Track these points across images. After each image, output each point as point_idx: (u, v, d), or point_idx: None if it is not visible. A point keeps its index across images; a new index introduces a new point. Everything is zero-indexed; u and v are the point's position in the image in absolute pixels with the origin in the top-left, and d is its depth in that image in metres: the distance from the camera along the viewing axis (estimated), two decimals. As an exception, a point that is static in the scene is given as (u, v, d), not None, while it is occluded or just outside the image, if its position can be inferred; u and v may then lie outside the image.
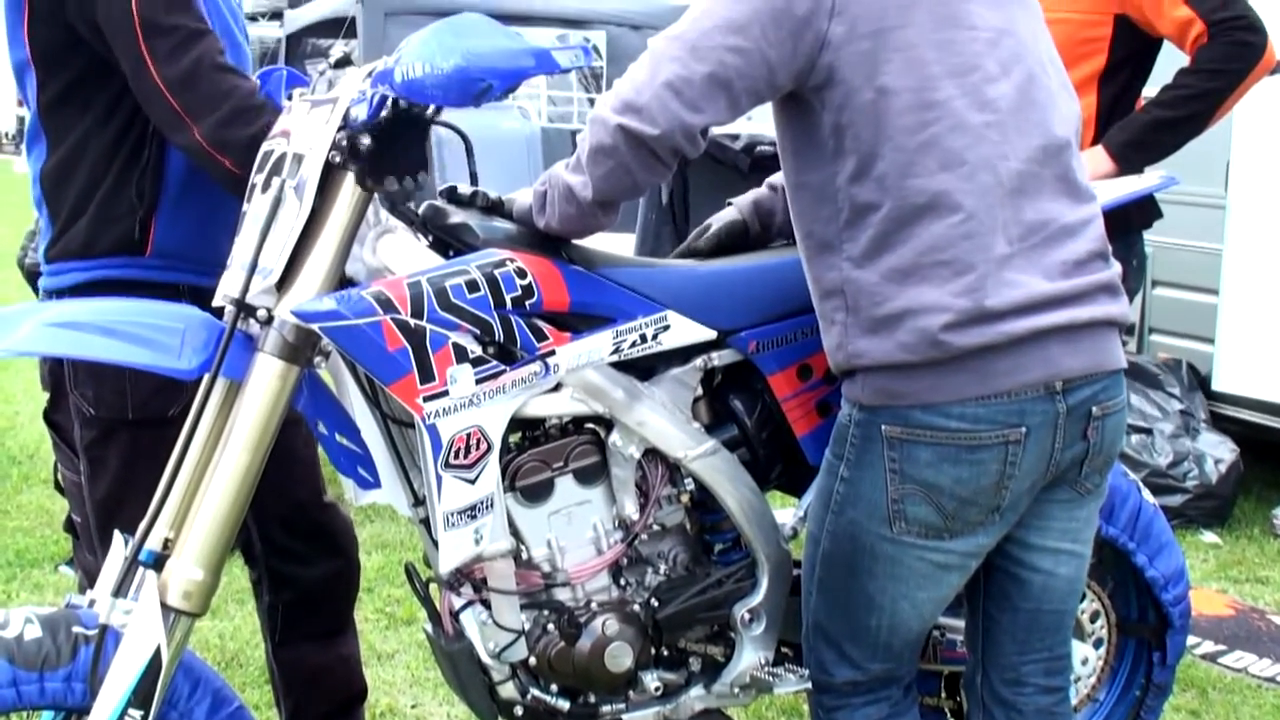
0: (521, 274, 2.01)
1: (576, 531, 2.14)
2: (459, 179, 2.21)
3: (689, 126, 1.91)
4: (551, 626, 2.11)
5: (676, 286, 2.17)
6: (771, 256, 2.31)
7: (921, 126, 1.88)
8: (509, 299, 1.99)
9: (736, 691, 2.26)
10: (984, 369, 1.90)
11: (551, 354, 2.03)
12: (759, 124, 4.25)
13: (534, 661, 2.12)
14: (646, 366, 2.16)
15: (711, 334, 2.18)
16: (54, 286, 2.38)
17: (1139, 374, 5.12)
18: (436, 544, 2.00)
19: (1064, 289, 1.92)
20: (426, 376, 1.92)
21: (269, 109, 2.22)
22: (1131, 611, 2.72)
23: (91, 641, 1.82)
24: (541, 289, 2.02)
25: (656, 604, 2.18)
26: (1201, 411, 5.11)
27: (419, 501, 2.13)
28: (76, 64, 2.28)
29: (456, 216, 2.08)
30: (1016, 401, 1.92)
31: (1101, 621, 2.67)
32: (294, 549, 2.63)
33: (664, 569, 2.23)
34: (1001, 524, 2.02)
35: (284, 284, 1.93)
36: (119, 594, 1.87)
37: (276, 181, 1.96)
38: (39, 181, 2.40)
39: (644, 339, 2.11)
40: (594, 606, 2.15)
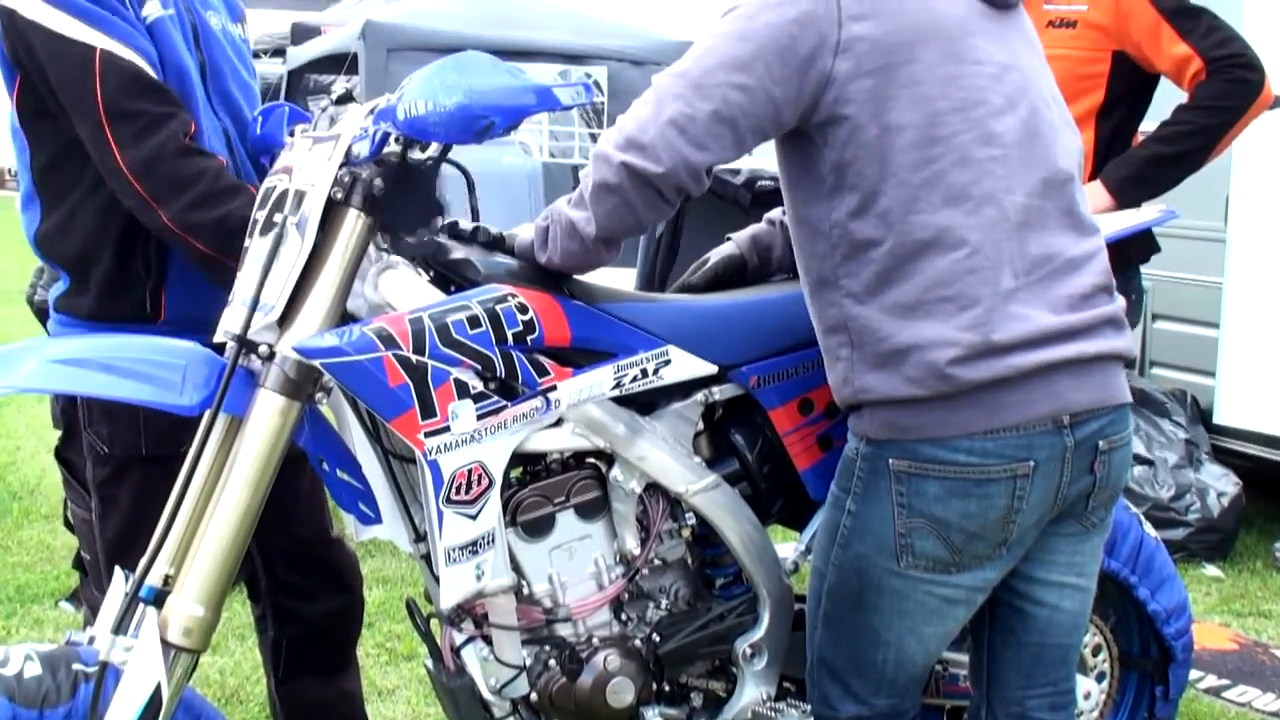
0: (523, 309, 2.01)
1: (578, 566, 2.14)
2: (460, 214, 2.23)
3: (693, 164, 1.91)
4: (553, 662, 2.11)
5: (677, 321, 2.17)
6: (772, 291, 2.32)
7: (926, 162, 1.89)
8: (510, 334, 1.99)
9: (739, 727, 2.25)
10: (992, 403, 1.90)
11: (553, 389, 2.03)
12: (760, 159, 4.26)
13: (535, 697, 2.11)
14: (647, 401, 2.16)
15: (712, 368, 2.19)
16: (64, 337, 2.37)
17: (1146, 402, 5.12)
18: (438, 579, 2.00)
19: (1070, 323, 1.92)
20: (428, 412, 1.92)
21: (240, 189, 2.24)
22: (1134, 645, 2.71)
23: (91, 679, 1.81)
24: (543, 324, 2.03)
25: (658, 639, 2.18)
26: (1204, 443, 5.10)
27: (420, 537, 2.13)
28: (65, 133, 2.27)
29: (458, 252, 2.09)
30: (1024, 435, 1.92)
31: (1104, 655, 2.67)
32: (299, 584, 2.63)
33: (665, 604, 2.22)
34: (1008, 558, 2.01)
35: (286, 320, 1.94)
36: (119, 631, 1.86)
37: (279, 218, 1.97)
38: (35, 243, 2.40)
39: (645, 374, 2.12)
40: (595, 642, 2.14)
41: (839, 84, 1.89)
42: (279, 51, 11.30)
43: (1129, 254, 3.09)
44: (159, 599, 1.88)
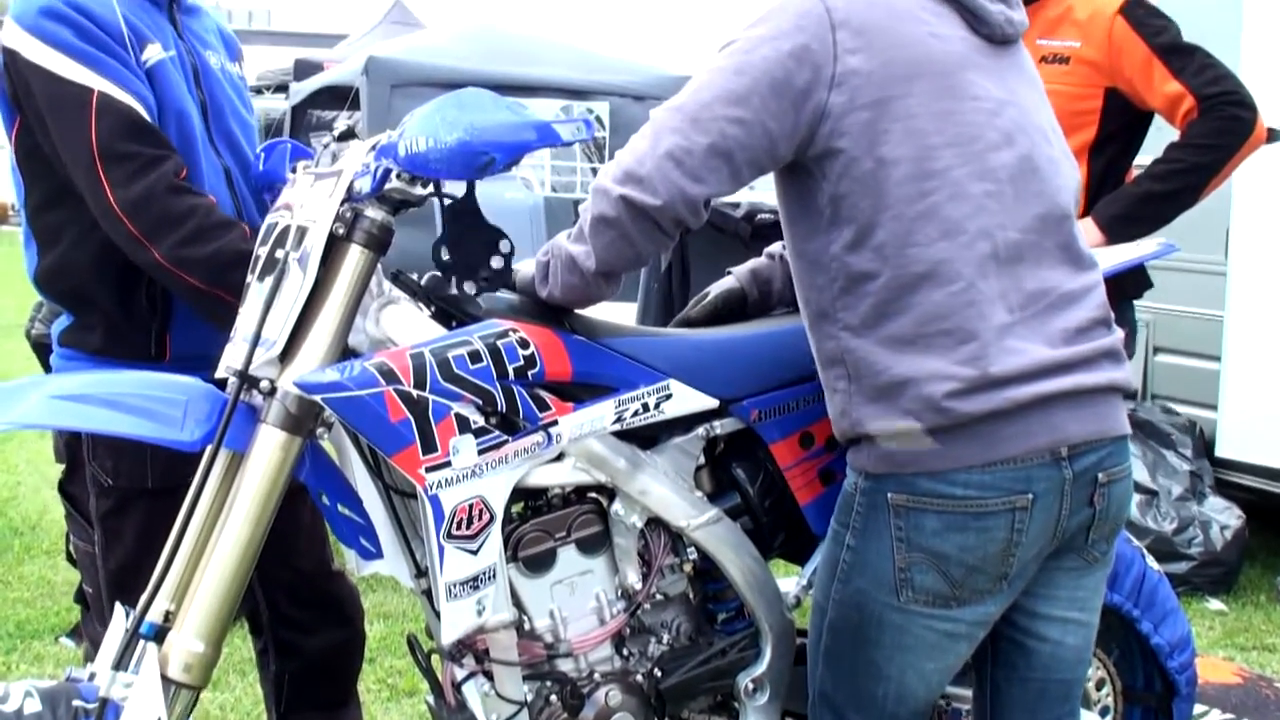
0: (524, 344, 2.02)
1: (579, 602, 2.13)
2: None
3: (691, 197, 1.92)
4: (554, 698, 2.10)
5: (678, 355, 2.17)
6: (773, 325, 2.32)
7: (921, 196, 1.89)
8: (511, 369, 1.99)
9: (741, 762, 2.24)
10: (990, 436, 1.90)
11: (554, 424, 2.03)
12: (760, 192, 4.28)
13: (537, 733, 2.10)
14: (649, 435, 2.17)
15: (713, 402, 2.19)
16: (67, 371, 2.38)
17: (1152, 433, 5.12)
18: (439, 615, 1.99)
19: (1067, 355, 1.92)
20: (429, 447, 1.92)
21: (232, 224, 2.26)
22: (1137, 680, 2.70)
23: (91, 715, 1.81)
24: (544, 359, 2.03)
25: (660, 674, 2.17)
26: (1208, 476, 5.10)
27: (421, 572, 2.12)
28: (58, 174, 2.30)
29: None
30: (1023, 468, 1.91)
31: (1107, 689, 2.65)
32: (300, 618, 2.62)
33: (667, 639, 2.22)
34: (1009, 592, 2.01)
35: (287, 355, 1.94)
36: (119, 667, 1.86)
37: (280, 254, 1.97)
38: (35, 281, 2.42)
39: (646, 408, 2.12)
40: (597, 677, 2.14)
41: (834, 117, 1.90)
42: (282, 88, 11.36)
43: (1124, 288, 3.10)
44: (160, 635, 1.88)
